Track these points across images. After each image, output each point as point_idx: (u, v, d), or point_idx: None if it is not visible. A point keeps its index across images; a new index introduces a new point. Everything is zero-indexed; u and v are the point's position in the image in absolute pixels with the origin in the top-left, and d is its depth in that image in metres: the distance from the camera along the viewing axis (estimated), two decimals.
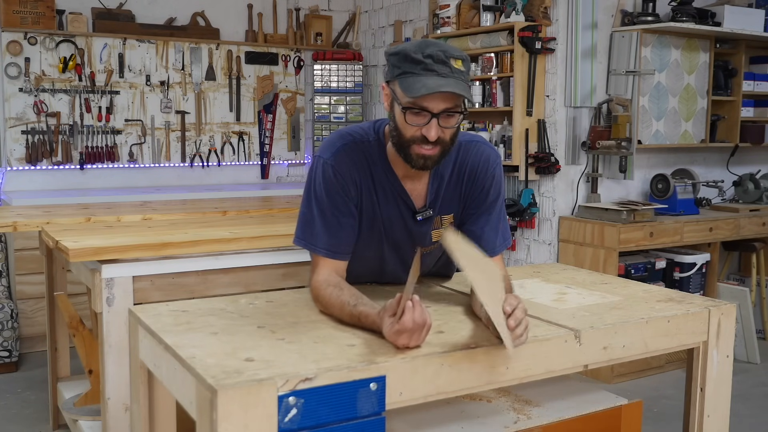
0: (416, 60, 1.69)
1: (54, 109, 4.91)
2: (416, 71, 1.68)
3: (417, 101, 1.68)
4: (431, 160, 1.77)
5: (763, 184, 4.84)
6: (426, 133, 1.71)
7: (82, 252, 2.33)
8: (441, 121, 1.71)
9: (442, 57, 1.68)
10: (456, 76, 1.69)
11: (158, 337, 1.55)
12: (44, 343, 3.82)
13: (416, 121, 1.71)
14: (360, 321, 1.61)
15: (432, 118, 1.70)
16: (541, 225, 4.47)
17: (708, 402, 1.85)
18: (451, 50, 1.71)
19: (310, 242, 1.87)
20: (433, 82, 1.66)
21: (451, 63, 1.68)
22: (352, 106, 5.75)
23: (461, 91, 1.67)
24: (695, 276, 4.35)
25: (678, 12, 4.39)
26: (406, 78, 1.70)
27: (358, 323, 1.62)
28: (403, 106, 1.71)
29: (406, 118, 1.72)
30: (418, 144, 1.74)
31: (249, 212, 3.37)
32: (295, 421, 1.29)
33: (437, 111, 1.69)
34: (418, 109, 1.70)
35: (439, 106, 1.69)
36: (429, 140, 1.71)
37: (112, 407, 2.40)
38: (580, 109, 4.36)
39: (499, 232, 1.95)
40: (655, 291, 2.04)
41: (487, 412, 1.77)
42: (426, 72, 1.68)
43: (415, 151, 1.75)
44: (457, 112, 1.72)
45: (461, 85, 1.68)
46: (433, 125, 1.70)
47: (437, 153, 1.75)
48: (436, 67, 1.67)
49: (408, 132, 1.74)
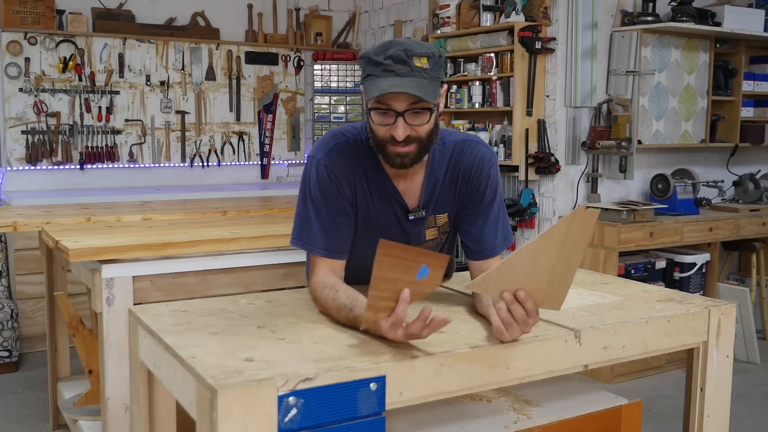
0: (377, 62, 1.69)
1: (54, 109, 4.91)
2: (376, 73, 1.69)
3: (378, 100, 1.70)
4: (408, 158, 1.77)
5: (763, 184, 4.84)
6: (393, 132, 1.72)
7: (82, 252, 2.33)
8: (408, 119, 1.71)
9: (403, 56, 1.67)
10: (417, 74, 1.68)
11: (158, 337, 1.55)
12: (44, 343, 3.82)
13: (383, 120, 1.73)
14: (356, 324, 1.60)
15: (398, 117, 1.70)
16: (541, 225, 4.47)
17: (708, 402, 1.85)
18: (416, 48, 1.70)
19: (307, 242, 1.88)
20: (388, 83, 1.66)
21: (412, 61, 1.67)
22: (352, 106, 5.75)
23: (414, 90, 1.66)
24: (695, 276, 4.36)
25: (678, 12, 4.39)
26: (368, 81, 1.71)
27: (354, 326, 1.61)
28: (369, 107, 1.74)
29: (373, 118, 1.74)
30: (391, 144, 1.75)
31: (249, 212, 3.37)
32: (295, 421, 1.29)
33: (401, 109, 1.70)
34: (384, 109, 1.71)
35: (402, 104, 1.70)
36: (397, 139, 1.72)
37: (112, 407, 2.40)
38: (580, 109, 4.36)
39: (498, 232, 1.94)
40: (655, 291, 2.04)
41: (487, 412, 1.77)
42: (385, 73, 1.68)
43: (390, 151, 1.76)
44: (425, 109, 1.72)
45: (419, 83, 1.67)
46: (399, 124, 1.71)
47: (413, 150, 1.76)
48: (395, 68, 1.67)
49: (379, 132, 1.75)
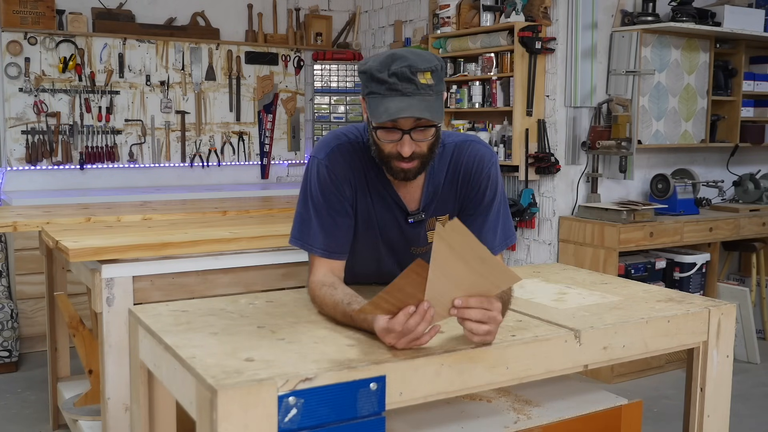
0: (381, 80, 1.68)
1: (54, 109, 4.91)
2: (381, 92, 1.68)
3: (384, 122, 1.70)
4: (411, 173, 1.79)
5: (763, 184, 4.84)
6: (400, 149, 1.73)
7: (82, 252, 2.33)
8: (414, 135, 1.72)
9: (407, 74, 1.66)
10: (423, 92, 1.67)
11: (158, 337, 1.55)
12: (44, 343, 3.82)
13: (389, 137, 1.73)
14: (352, 320, 1.61)
15: (404, 135, 1.71)
16: (541, 225, 4.47)
17: (708, 402, 1.85)
18: (419, 63, 1.67)
19: (307, 242, 1.88)
20: (395, 106, 1.66)
21: (417, 78, 1.66)
22: (352, 106, 5.75)
23: (423, 114, 1.65)
24: (695, 276, 4.36)
25: (678, 12, 4.39)
26: (373, 98, 1.70)
27: (350, 322, 1.62)
28: (374, 125, 1.73)
29: (378, 136, 1.74)
30: (396, 159, 1.76)
31: (249, 212, 3.37)
32: (295, 421, 1.29)
33: (407, 128, 1.71)
34: (390, 128, 1.71)
35: (409, 123, 1.70)
36: (404, 156, 1.73)
37: (112, 407, 2.40)
38: (580, 109, 4.36)
39: (498, 233, 1.94)
40: (655, 291, 2.04)
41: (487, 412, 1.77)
42: (390, 93, 1.67)
43: (396, 166, 1.77)
44: (430, 126, 1.72)
45: (426, 104, 1.67)
46: (405, 142, 1.71)
47: (416, 165, 1.77)
48: (401, 86, 1.66)
49: (385, 148, 1.76)
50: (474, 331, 1.46)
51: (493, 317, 1.47)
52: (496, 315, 1.47)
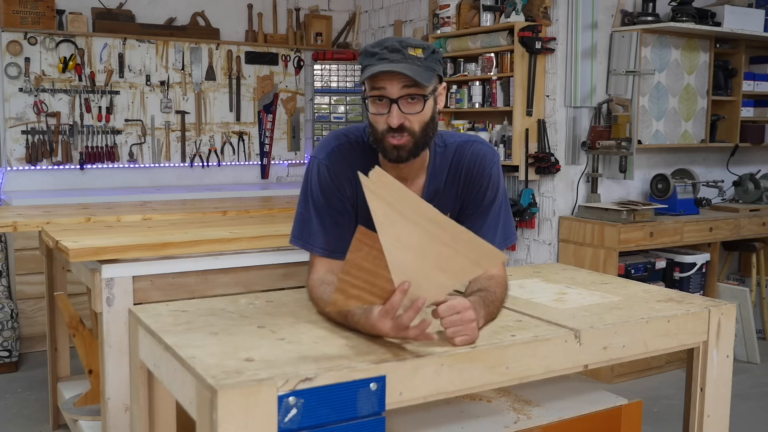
0: (372, 53, 1.75)
1: (54, 109, 4.91)
2: (371, 63, 1.74)
3: (374, 85, 1.73)
4: (404, 150, 1.78)
5: (763, 184, 4.84)
6: (389, 120, 1.74)
7: (82, 252, 2.33)
8: (402, 106, 1.73)
9: (397, 46, 1.73)
10: (410, 61, 1.72)
11: (158, 337, 1.55)
12: (44, 343, 3.82)
13: (379, 110, 1.75)
14: (346, 319, 1.61)
15: (392, 104, 1.73)
16: (541, 225, 4.47)
17: (708, 402, 1.85)
18: (411, 41, 1.76)
19: (307, 242, 1.88)
20: (380, 67, 1.71)
21: (406, 51, 1.73)
22: (352, 106, 5.75)
23: (405, 71, 1.69)
24: (695, 276, 4.36)
25: (678, 12, 4.39)
26: (364, 71, 1.76)
27: (344, 321, 1.62)
28: (365, 96, 1.77)
29: (369, 108, 1.77)
30: (388, 135, 1.76)
31: (249, 212, 3.37)
32: (295, 421, 1.29)
33: (396, 96, 1.73)
34: (379, 96, 1.74)
35: (396, 88, 1.72)
36: (393, 127, 1.73)
37: (112, 407, 2.40)
38: (580, 109, 4.36)
39: (498, 233, 1.93)
40: (655, 291, 2.04)
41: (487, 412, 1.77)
42: (379, 61, 1.73)
43: (387, 143, 1.78)
44: (418, 95, 1.74)
45: (411, 68, 1.71)
46: (394, 111, 1.73)
47: (408, 142, 1.77)
48: (389, 56, 1.72)
49: (379, 125, 1.77)
50: (449, 335, 1.50)
51: (464, 319, 1.50)
52: (466, 315, 1.50)
